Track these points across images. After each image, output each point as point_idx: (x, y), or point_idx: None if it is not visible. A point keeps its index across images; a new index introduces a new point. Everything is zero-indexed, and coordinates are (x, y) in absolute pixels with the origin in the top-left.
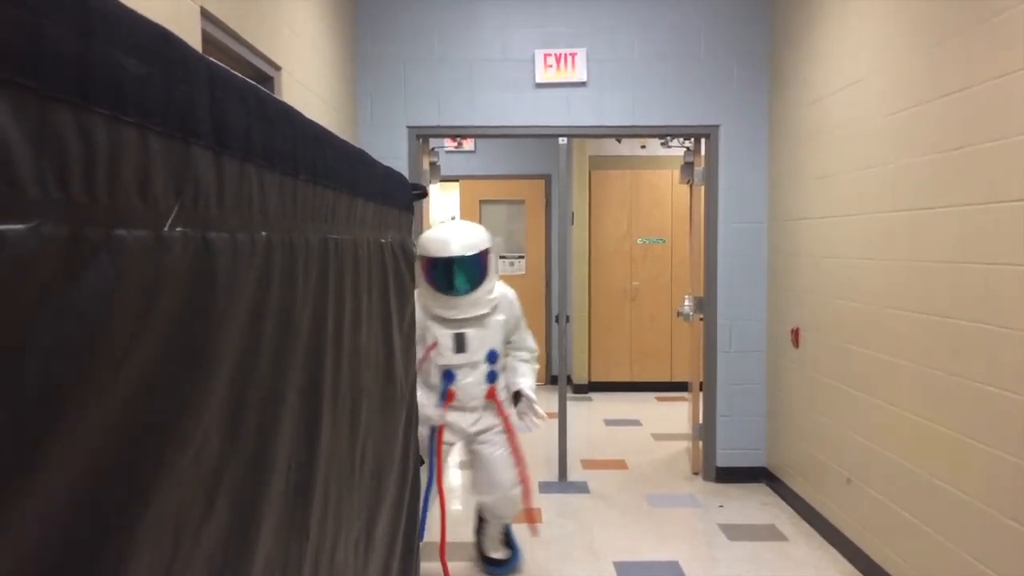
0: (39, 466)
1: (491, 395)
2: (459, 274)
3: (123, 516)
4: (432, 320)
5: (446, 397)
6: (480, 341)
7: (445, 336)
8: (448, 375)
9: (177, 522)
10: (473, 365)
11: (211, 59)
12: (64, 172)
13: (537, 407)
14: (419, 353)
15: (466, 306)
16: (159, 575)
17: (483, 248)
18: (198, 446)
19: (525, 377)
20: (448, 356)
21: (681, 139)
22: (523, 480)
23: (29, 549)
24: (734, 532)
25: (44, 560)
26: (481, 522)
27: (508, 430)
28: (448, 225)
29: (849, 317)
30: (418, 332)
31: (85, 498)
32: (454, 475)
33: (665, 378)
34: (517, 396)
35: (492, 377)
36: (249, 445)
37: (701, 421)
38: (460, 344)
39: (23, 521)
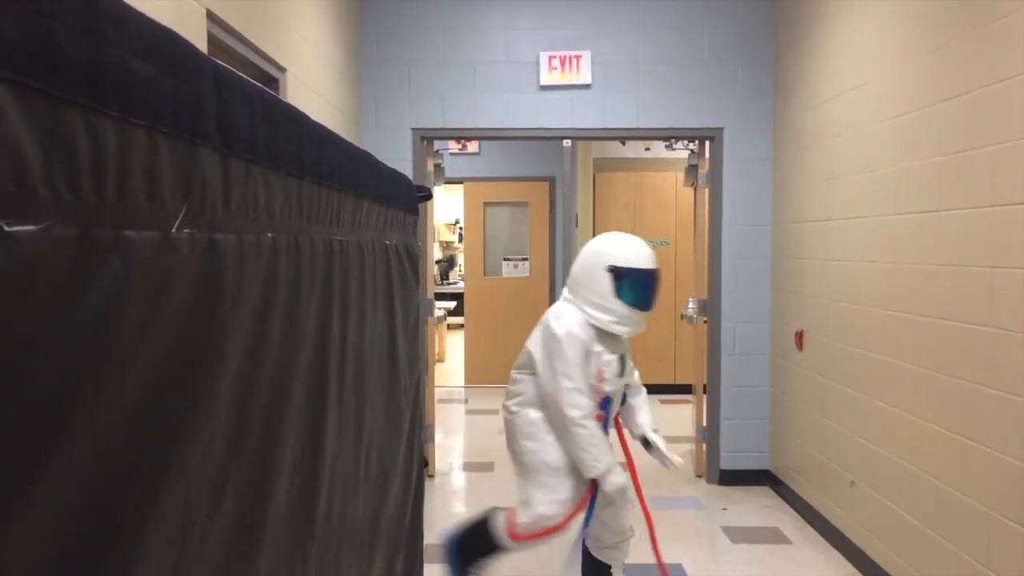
0: (47, 465)
1: (618, 423)
2: (656, 288)
3: (129, 516)
4: (598, 342)
5: (608, 426)
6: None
7: (612, 360)
8: (606, 402)
9: (183, 522)
10: (620, 390)
11: (217, 61)
12: (74, 173)
13: (670, 454)
14: (569, 374)
15: (643, 323)
16: (165, 575)
17: None
18: (204, 446)
19: (646, 415)
20: (614, 381)
21: (685, 142)
22: (649, 527)
23: (36, 549)
24: (737, 535)
25: (50, 560)
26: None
27: (631, 467)
28: (627, 236)
29: (853, 320)
30: (582, 357)
31: (92, 498)
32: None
33: (669, 381)
34: (645, 442)
35: (623, 402)
36: (255, 446)
37: (705, 424)
38: (622, 368)
39: (30, 521)
